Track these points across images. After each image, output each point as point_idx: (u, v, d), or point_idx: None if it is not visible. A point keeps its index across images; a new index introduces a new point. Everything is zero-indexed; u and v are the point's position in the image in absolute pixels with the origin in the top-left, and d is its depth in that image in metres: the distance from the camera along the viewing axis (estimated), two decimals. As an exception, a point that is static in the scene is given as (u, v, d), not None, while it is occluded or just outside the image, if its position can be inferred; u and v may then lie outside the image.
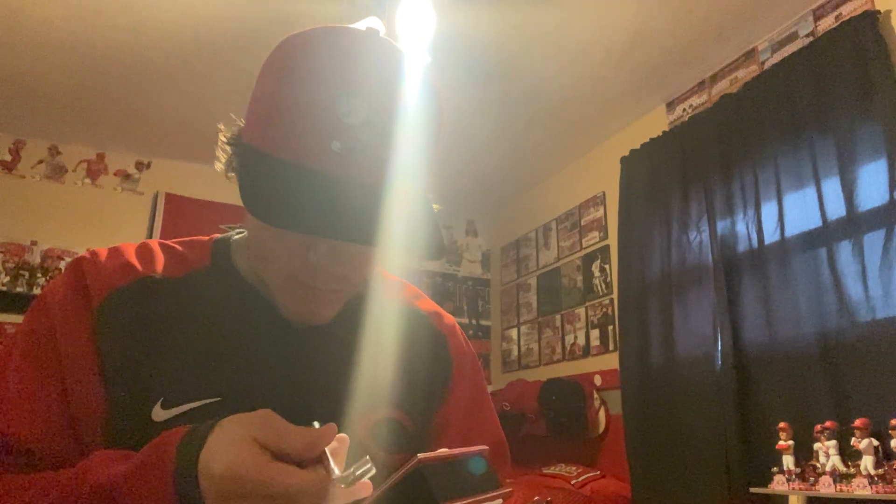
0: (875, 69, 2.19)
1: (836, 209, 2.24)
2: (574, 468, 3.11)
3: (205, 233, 0.78)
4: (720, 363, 2.55)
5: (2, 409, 0.60)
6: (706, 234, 2.76)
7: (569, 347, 3.72)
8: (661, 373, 2.84)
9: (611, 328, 3.41)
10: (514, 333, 4.31)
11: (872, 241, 2.11)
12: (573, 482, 2.97)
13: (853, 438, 1.95)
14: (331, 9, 2.53)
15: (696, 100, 3.07)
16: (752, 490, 2.27)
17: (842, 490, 1.93)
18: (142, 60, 2.96)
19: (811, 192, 2.35)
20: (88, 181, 3.79)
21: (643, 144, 3.23)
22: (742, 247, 2.61)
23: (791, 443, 2.14)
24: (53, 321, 0.63)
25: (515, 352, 4.26)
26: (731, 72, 2.90)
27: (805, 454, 2.11)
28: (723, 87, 2.92)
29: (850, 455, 1.96)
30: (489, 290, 4.72)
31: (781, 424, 2.18)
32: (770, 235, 2.49)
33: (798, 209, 2.40)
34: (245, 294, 0.71)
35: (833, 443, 2.01)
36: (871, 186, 2.15)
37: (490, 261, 4.78)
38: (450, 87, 3.05)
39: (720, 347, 2.57)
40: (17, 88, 3.20)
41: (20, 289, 3.35)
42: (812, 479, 2.04)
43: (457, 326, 0.84)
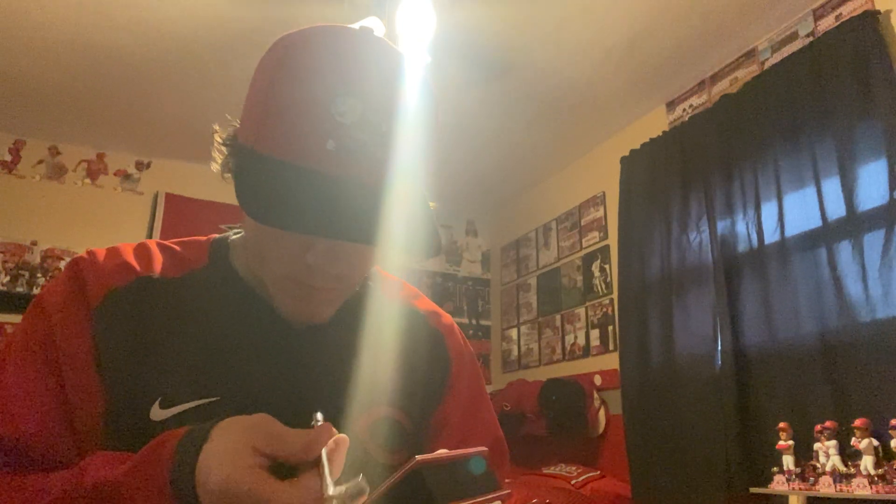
0: (875, 69, 2.19)
1: (836, 209, 2.24)
2: (574, 468, 3.11)
3: (205, 233, 0.78)
4: (720, 363, 2.55)
5: (0, 410, 0.60)
6: (706, 234, 2.76)
7: (569, 347, 3.72)
8: (661, 373, 2.84)
9: (611, 328, 3.41)
10: (514, 333, 4.31)
11: (872, 241, 2.11)
12: (573, 482, 2.97)
13: (853, 438, 1.95)
14: (331, 9, 2.53)
15: (696, 100, 3.07)
16: (752, 490, 2.27)
17: (842, 490, 1.93)
18: (142, 60, 2.96)
19: (811, 192, 2.34)
20: (88, 181, 3.79)
21: (643, 144, 3.23)
22: (742, 247, 2.61)
23: (791, 443, 2.14)
24: (52, 321, 0.63)
25: (515, 352, 4.26)
26: (731, 72, 2.90)
27: (805, 454, 2.11)
28: (723, 87, 2.92)
29: (850, 455, 1.96)
30: (489, 290, 4.72)
31: (781, 424, 2.18)
32: (770, 235, 2.48)
33: (798, 209, 2.40)
34: (243, 294, 0.71)
35: (833, 443, 2.01)
36: (871, 186, 2.15)
37: (490, 261, 4.78)
38: (450, 87, 3.05)
39: (720, 347, 2.57)
40: (17, 88, 3.20)
41: (20, 289, 3.36)
42: (812, 479, 2.04)
43: (455, 326, 0.84)
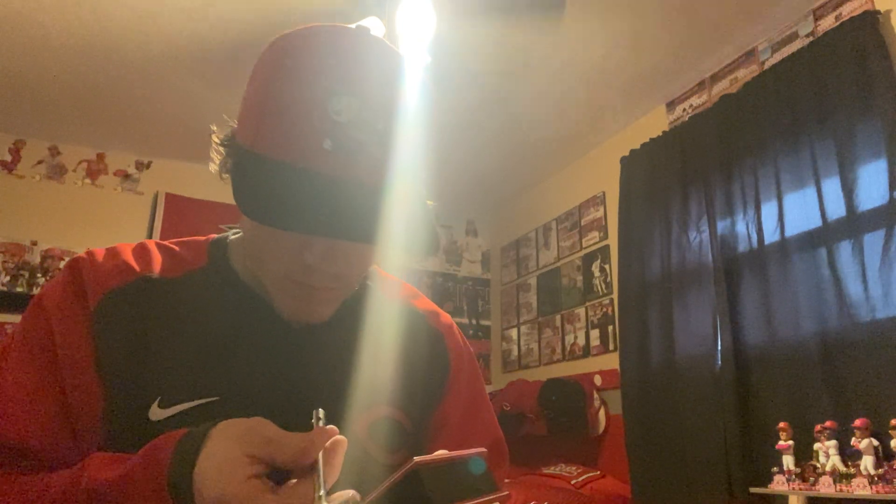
0: (875, 69, 2.19)
1: (836, 209, 2.24)
2: (574, 468, 3.11)
3: (205, 233, 0.78)
4: (720, 363, 2.55)
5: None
6: (706, 234, 2.76)
7: (569, 347, 3.72)
8: (661, 373, 2.84)
9: (611, 328, 3.41)
10: (514, 333, 4.31)
11: (872, 241, 2.11)
12: (573, 482, 2.97)
13: (853, 438, 1.95)
14: (331, 9, 2.54)
15: (696, 100, 3.07)
16: (752, 490, 2.27)
17: (842, 490, 1.93)
18: (142, 60, 2.96)
19: (811, 192, 2.34)
20: (88, 181, 3.79)
21: (643, 144, 3.23)
22: (742, 247, 2.61)
23: (791, 443, 2.14)
24: (51, 322, 0.63)
25: (515, 352, 4.26)
26: (731, 72, 2.90)
27: (805, 454, 2.10)
28: (723, 87, 2.92)
29: (850, 455, 1.96)
30: (489, 290, 4.72)
31: (781, 424, 2.18)
32: (770, 235, 2.48)
33: (798, 209, 2.40)
34: (242, 294, 0.71)
35: (833, 443, 2.01)
36: (871, 186, 2.15)
37: (490, 261, 4.77)
38: (450, 87, 3.05)
39: (720, 347, 2.57)
40: (17, 88, 3.20)
41: (20, 289, 3.36)
42: (812, 479, 2.04)
43: (454, 325, 0.84)
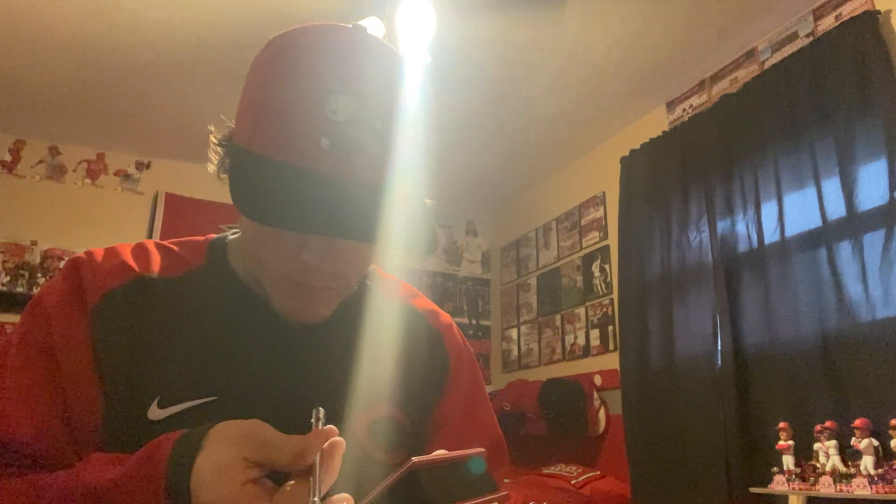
0: (875, 69, 2.19)
1: (836, 209, 2.24)
2: (574, 468, 3.11)
3: (204, 233, 0.78)
4: (720, 363, 2.55)
5: None
6: (706, 234, 2.76)
7: (569, 347, 3.72)
8: (661, 373, 2.84)
9: (611, 328, 3.41)
10: (514, 333, 4.31)
11: (872, 241, 2.11)
12: (573, 482, 2.97)
13: (853, 438, 1.95)
14: (331, 9, 2.54)
15: (696, 100, 3.07)
16: (752, 490, 2.27)
17: (842, 490, 1.93)
18: (142, 60, 2.96)
19: (811, 192, 2.34)
20: (88, 181, 3.79)
21: (643, 144, 3.23)
22: (742, 247, 2.61)
23: (791, 443, 2.14)
24: (50, 322, 0.63)
25: (515, 352, 4.26)
26: (731, 72, 2.90)
27: (805, 454, 2.10)
28: (723, 87, 2.92)
29: (850, 455, 1.96)
30: (489, 290, 4.72)
31: (781, 424, 2.18)
32: (770, 235, 2.48)
33: (798, 209, 2.40)
34: (241, 293, 0.71)
35: (833, 443, 2.01)
36: (871, 186, 2.15)
37: (490, 261, 4.77)
38: (450, 88, 3.05)
39: (720, 347, 2.57)
40: (17, 88, 3.20)
41: (20, 289, 3.36)
42: (812, 479, 2.03)
43: (453, 325, 0.83)
